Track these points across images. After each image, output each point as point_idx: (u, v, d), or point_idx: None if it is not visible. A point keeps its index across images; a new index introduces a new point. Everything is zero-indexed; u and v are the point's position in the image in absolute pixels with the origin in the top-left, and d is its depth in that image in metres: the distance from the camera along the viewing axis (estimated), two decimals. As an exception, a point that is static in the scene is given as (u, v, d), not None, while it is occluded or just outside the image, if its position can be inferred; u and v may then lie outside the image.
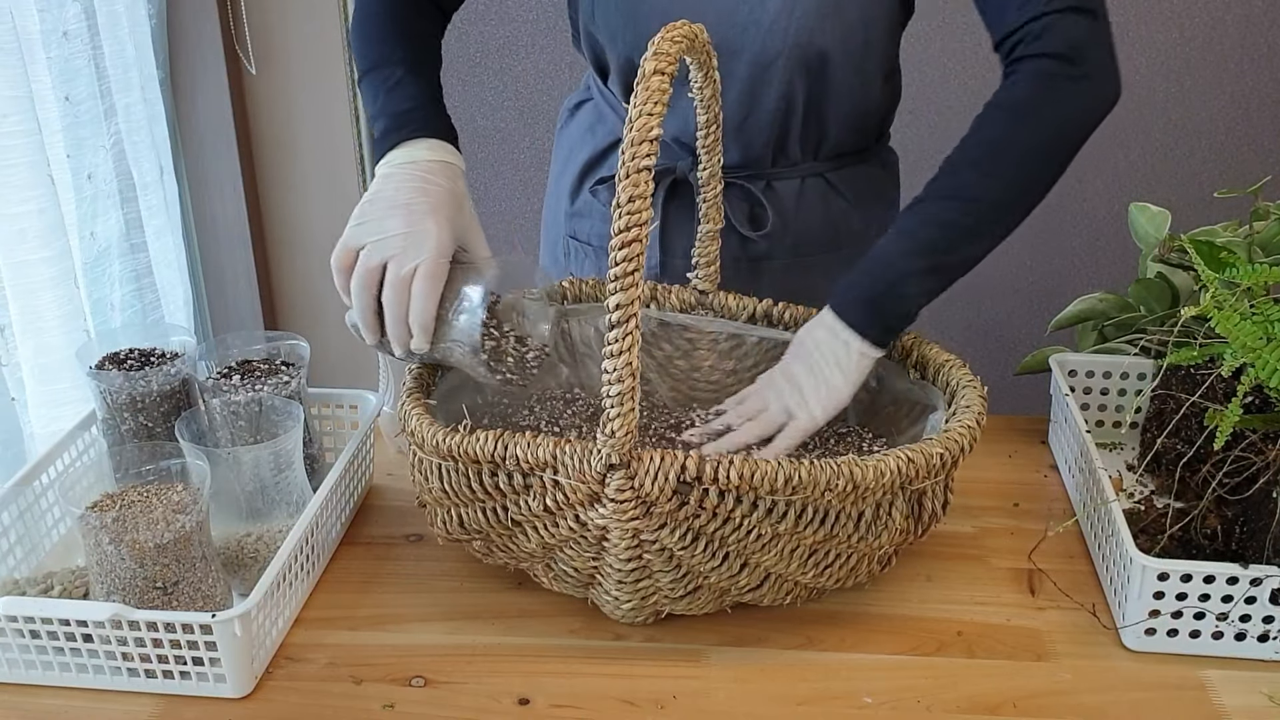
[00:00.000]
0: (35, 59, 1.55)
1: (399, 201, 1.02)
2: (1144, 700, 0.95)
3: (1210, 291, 1.00)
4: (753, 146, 1.25)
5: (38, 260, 1.51)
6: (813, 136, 1.26)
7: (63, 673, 0.96)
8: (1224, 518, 1.03)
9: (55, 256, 1.52)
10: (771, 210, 1.29)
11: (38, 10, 1.55)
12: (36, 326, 1.52)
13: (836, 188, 1.31)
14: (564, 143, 1.43)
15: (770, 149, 1.26)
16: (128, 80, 1.80)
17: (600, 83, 1.34)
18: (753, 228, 1.29)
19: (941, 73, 2.10)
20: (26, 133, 1.46)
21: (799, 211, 1.30)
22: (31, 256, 1.50)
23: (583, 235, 1.41)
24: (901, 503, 0.97)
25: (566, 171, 1.41)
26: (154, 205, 1.88)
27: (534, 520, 0.95)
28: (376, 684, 0.97)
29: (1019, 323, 2.36)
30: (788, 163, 1.28)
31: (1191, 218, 1.44)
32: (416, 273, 0.99)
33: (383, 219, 1.01)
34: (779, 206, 1.30)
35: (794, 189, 1.30)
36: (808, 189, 1.30)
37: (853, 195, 1.32)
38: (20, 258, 1.49)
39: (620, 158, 0.84)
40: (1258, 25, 2.12)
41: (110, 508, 0.96)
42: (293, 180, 2.32)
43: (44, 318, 1.53)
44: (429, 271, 0.99)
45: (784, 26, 1.15)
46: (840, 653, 1.01)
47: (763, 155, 1.27)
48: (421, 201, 1.02)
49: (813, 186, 1.30)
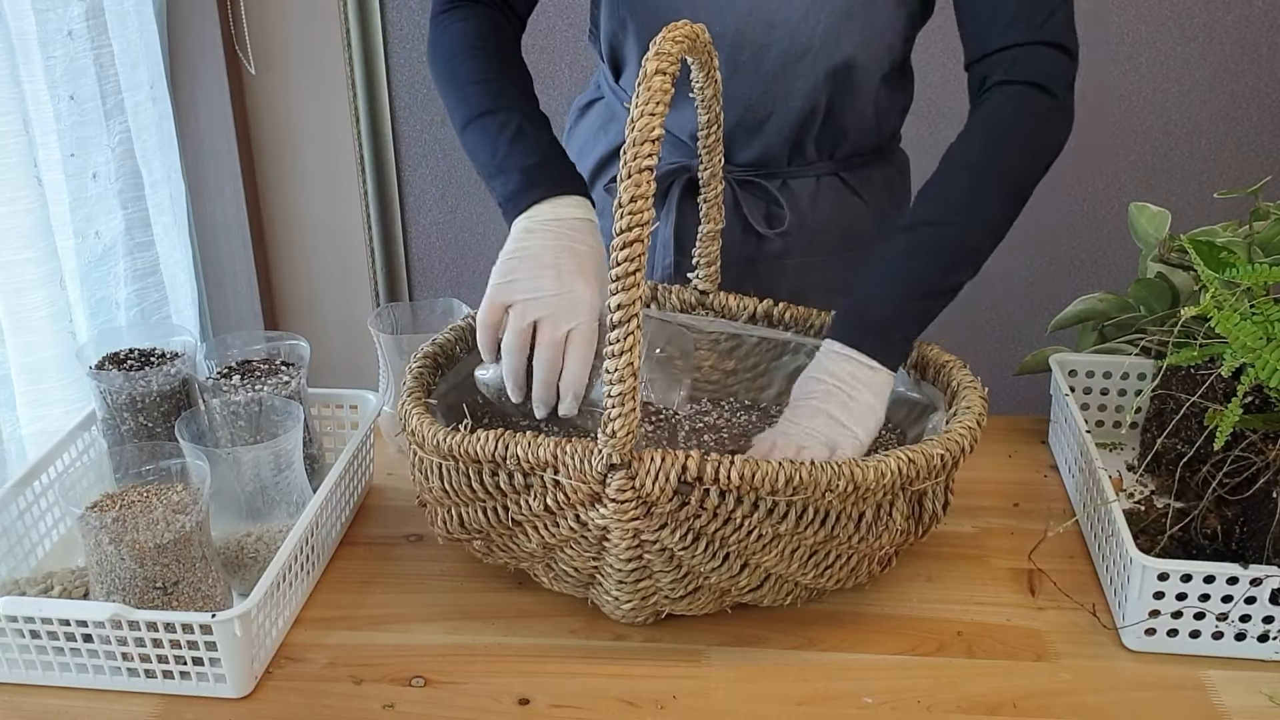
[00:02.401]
0: (31, 59, 1.55)
1: (547, 261, 0.99)
2: (1144, 700, 0.95)
3: (1210, 291, 0.99)
4: (771, 145, 1.26)
5: (24, 260, 1.50)
6: (832, 137, 1.27)
7: (62, 673, 0.95)
8: (1224, 518, 1.03)
9: (42, 257, 1.53)
10: (787, 209, 1.29)
11: (39, 10, 1.55)
12: (23, 326, 1.52)
13: (852, 187, 1.31)
14: (574, 143, 1.42)
15: (788, 148, 1.26)
16: (136, 79, 1.80)
17: (613, 80, 1.34)
18: (769, 226, 1.29)
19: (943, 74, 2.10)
20: (14, 133, 1.46)
21: (814, 211, 1.30)
22: (17, 257, 1.50)
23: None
24: (902, 503, 0.97)
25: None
26: (162, 203, 1.88)
27: (534, 520, 0.95)
28: (376, 684, 0.97)
29: (1019, 323, 2.36)
30: (804, 162, 1.28)
31: (1191, 218, 1.44)
32: (570, 338, 0.97)
33: (534, 278, 0.99)
34: (794, 205, 1.30)
35: (810, 188, 1.30)
36: (823, 188, 1.30)
37: (867, 195, 1.32)
38: (6, 258, 1.49)
39: (622, 157, 0.84)
40: (1258, 25, 2.12)
41: (110, 508, 0.96)
42: (293, 180, 2.31)
43: (30, 318, 1.53)
44: (586, 337, 0.97)
45: (812, 24, 1.15)
46: (840, 653, 1.01)
47: (780, 154, 1.27)
48: (571, 262, 1.00)
49: (828, 186, 1.30)
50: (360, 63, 2.21)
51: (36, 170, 1.51)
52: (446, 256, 2.39)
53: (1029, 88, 1.09)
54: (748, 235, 1.29)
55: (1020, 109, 1.09)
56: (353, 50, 2.19)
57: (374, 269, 2.39)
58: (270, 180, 2.32)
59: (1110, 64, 2.15)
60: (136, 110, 1.81)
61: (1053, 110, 1.10)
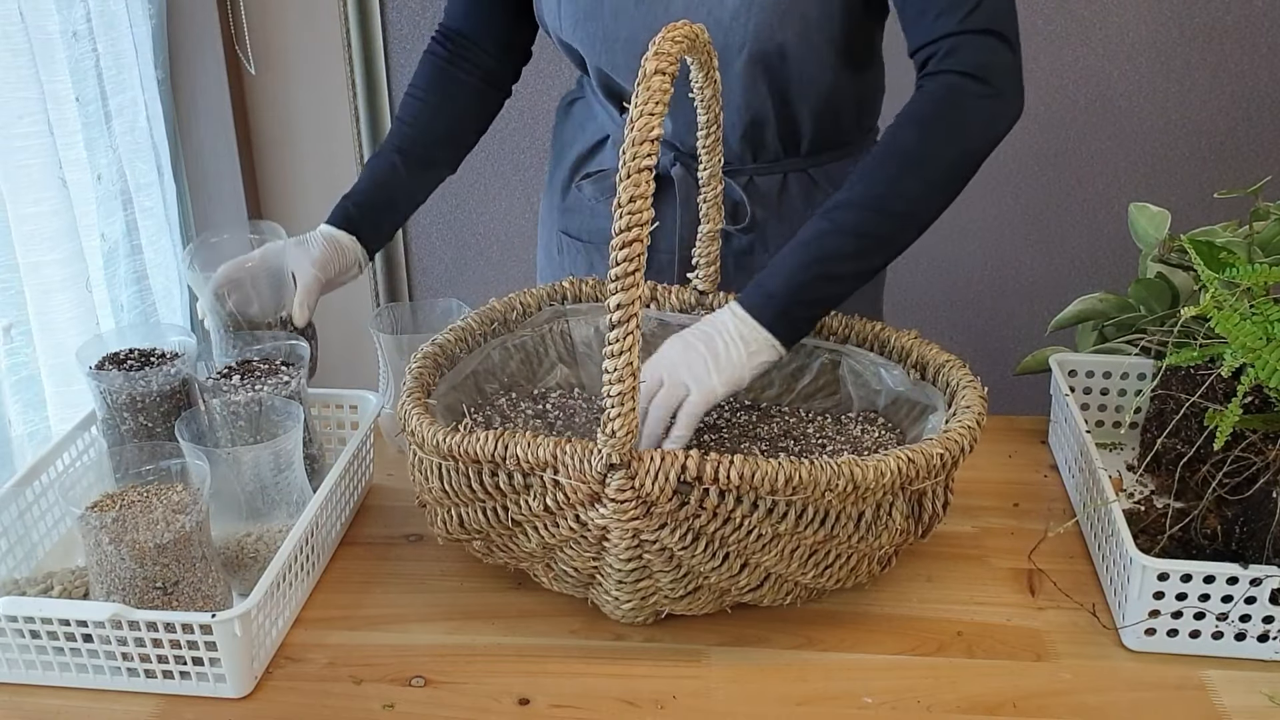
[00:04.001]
0: (54, 59, 1.55)
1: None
2: (1144, 700, 0.95)
3: (1210, 291, 0.99)
4: (728, 143, 1.26)
5: (50, 262, 1.51)
6: (786, 132, 1.27)
7: (63, 673, 0.96)
8: (1224, 518, 1.03)
9: (67, 258, 1.53)
10: (755, 207, 1.29)
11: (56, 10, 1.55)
12: (50, 327, 1.52)
13: (819, 183, 1.31)
14: (558, 140, 1.44)
15: (744, 146, 1.27)
16: (124, 81, 1.80)
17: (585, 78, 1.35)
18: (733, 222, 1.30)
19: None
20: (39, 134, 1.47)
21: (783, 207, 1.31)
22: (44, 258, 1.50)
23: (574, 231, 1.42)
24: (902, 503, 0.97)
25: (559, 168, 1.43)
26: (149, 208, 1.88)
27: (534, 520, 0.95)
28: (376, 684, 0.97)
29: (1019, 323, 2.36)
30: (767, 158, 1.29)
31: (1191, 218, 1.44)
32: None
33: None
34: (762, 203, 1.30)
35: (775, 185, 1.30)
36: (790, 185, 1.31)
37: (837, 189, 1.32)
38: (33, 259, 1.49)
39: (620, 158, 0.84)
40: (1258, 25, 2.12)
41: (110, 508, 0.96)
42: (293, 180, 2.31)
43: (56, 319, 1.53)
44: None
45: (743, 23, 1.16)
46: (840, 653, 1.01)
47: (739, 151, 1.27)
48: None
49: (795, 182, 1.31)
50: (360, 63, 2.21)
51: (61, 171, 1.51)
52: (446, 256, 2.40)
53: (960, 76, 1.08)
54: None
55: (948, 98, 1.09)
56: (353, 50, 2.19)
57: (374, 269, 2.39)
58: (270, 180, 2.31)
59: (1110, 64, 2.15)
60: (123, 114, 1.80)
61: (984, 98, 1.08)
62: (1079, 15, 2.12)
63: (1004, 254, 2.31)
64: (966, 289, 2.33)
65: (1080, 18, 2.12)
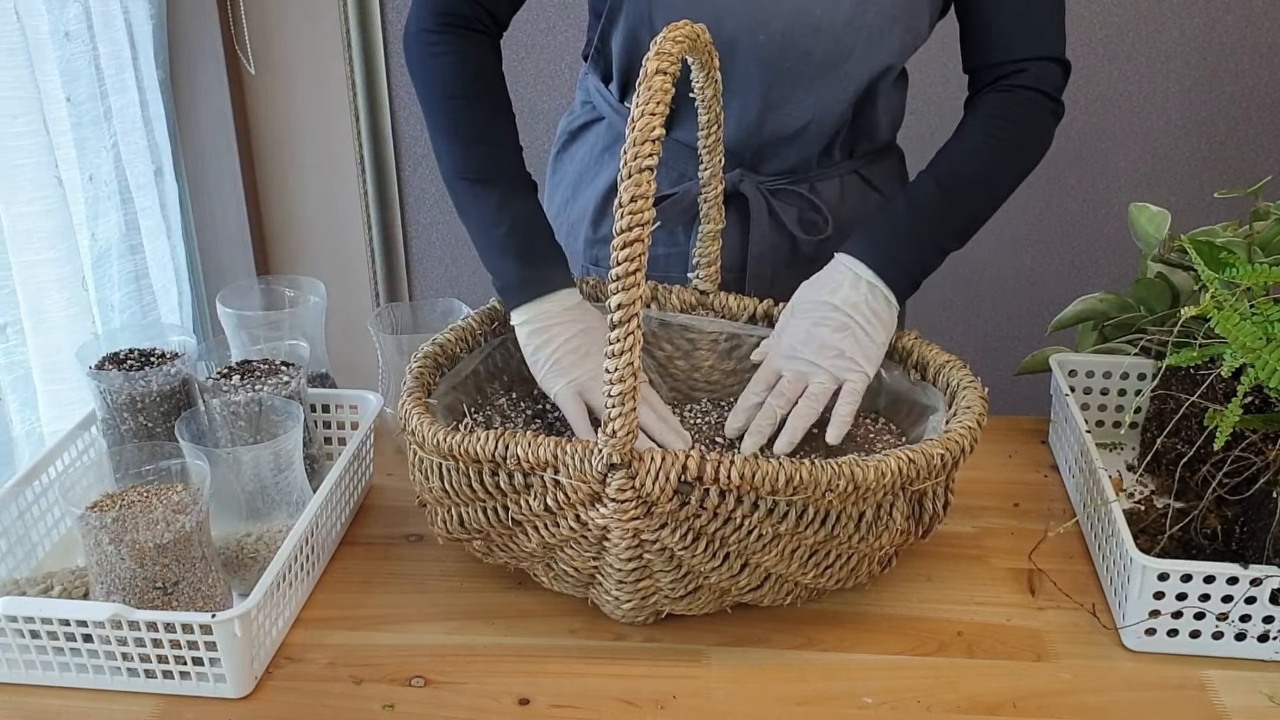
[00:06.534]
0: (45, 58, 1.55)
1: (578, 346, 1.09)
2: (1144, 700, 0.95)
3: (1210, 291, 0.99)
4: (809, 152, 1.26)
5: (45, 260, 1.51)
6: (855, 139, 1.28)
7: (63, 673, 0.95)
8: (1224, 518, 1.03)
9: (62, 257, 1.53)
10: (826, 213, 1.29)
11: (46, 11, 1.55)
12: (44, 326, 1.52)
13: (870, 182, 1.32)
14: (569, 168, 1.38)
15: (818, 153, 1.27)
16: (124, 81, 1.80)
17: (616, 100, 1.30)
18: (804, 232, 1.29)
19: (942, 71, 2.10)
20: (33, 133, 1.46)
21: (842, 209, 1.31)
22: (38, 257, 1.50)
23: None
24: (902, 503, 0.97)
25: (581, 197, 1.36)
26: (147, 207, 1.88)
27: (534, 520, 0.95)
28: (376, 684, 0.97)
29: (1019, 323, 2.36)
30: (830, 164, 1.29)
31: (1191, 218, 1.44)
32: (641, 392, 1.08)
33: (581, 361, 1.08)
34: (824, 206, 1.30)
35: (836, 188, 1.30)
36: (848, 187, 1.31)
37: (884, 187, 1.34)
38: (27, 258, 1.49)
39: (622, 157, 0.84)
40: (1258, 25, 2.12)
41: (110, 508, 0.96)
42: (293, 180, 2.31)
43: (51, 318, 1.53)
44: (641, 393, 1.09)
45: (856, 27, 1.16)
46: (840, 653, 1.01)
47: (811, 159, 1.27)
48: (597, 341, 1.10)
49: (851, 185, 1.31)
50: (360, 63, 2.21)
51: (56, 171, 1.51)
52: (446, 256, 2.39)
53: (1040, 95, 1.19)
54: (781, 240, 1.29)
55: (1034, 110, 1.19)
56: (353, 50, 2.20)
57: (374, 269, 2.39)
58: (270, 180, 2.31)
59: (1111, 64, 2.15)
60: (123, 113, 1.80)
61: (1055, 119, 1.21)
62: (1079, 16, 2.12)
63: (1004, 254, 2.31)
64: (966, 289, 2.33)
65: (1080, 18, 2.12)
